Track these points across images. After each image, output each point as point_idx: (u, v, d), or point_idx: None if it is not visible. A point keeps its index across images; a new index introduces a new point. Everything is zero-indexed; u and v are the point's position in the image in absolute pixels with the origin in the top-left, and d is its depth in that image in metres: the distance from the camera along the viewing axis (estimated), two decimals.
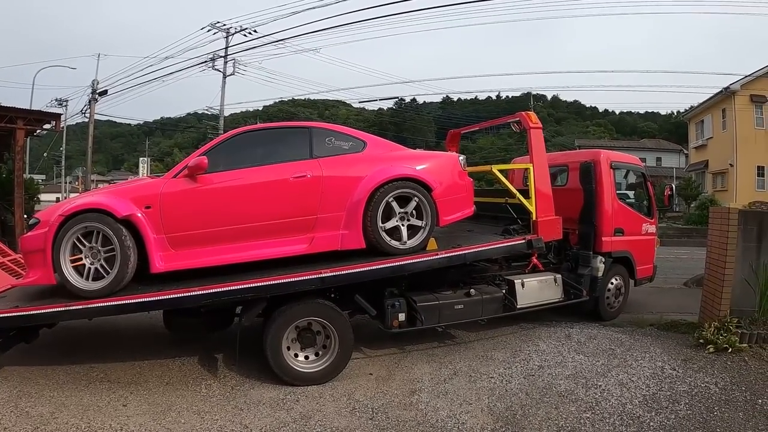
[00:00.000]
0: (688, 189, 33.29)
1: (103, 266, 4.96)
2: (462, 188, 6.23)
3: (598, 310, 7.85)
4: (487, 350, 6.38)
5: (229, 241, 5.31)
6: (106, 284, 4.93)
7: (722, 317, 6.47)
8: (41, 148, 49.65)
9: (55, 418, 4.42)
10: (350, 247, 5.52)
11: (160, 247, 5.12)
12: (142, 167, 33.16)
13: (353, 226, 5.50)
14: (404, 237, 5.69)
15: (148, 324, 7.31)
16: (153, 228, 5.08)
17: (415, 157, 6.11)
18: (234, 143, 5.64)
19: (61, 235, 4.88)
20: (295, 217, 5.45)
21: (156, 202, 5.12)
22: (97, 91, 31.16)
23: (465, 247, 6.10)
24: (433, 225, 5.79)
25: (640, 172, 8.88)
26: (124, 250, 4.92)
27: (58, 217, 4.89)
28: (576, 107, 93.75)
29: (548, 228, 6.80)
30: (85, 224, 4.91)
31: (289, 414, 4.66)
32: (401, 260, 5.61)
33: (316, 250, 5.50)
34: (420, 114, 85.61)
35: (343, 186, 5.57)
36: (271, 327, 5.27)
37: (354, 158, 5.81)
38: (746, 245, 6.79)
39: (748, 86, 31.48)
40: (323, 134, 5.85)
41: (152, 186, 5.30)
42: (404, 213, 5.69)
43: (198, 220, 5.24)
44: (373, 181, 5.54)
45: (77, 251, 4.95)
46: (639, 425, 4.48)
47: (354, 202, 5.51)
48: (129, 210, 4.99)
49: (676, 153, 53.95)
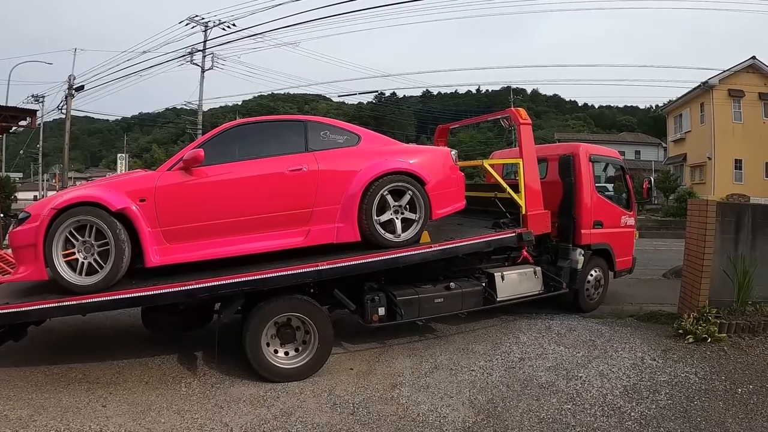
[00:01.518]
0: (666, 182, 33.68)
1: (96, 260, 4.87)
2: (454, 182, 6.31)
3: (578, 302, 7.91)
4: (467, 343, 6.38)
5: (225, 235, 5.29)
6: (100, 279, 4.84)
7: (701, 308, 6.54)
8: (18, 146, 48.98)
9: (34, 421, 4.33)
10: (345, 240, 5.54)
11: (156, 241, 5.05)
12: (120, 163, 32.84)
13: (348, 219, 5.53)
14: (398, 230, 5.74)
15: (127, 323, 7.21)
16: (148, 221, 5.01)
17: (409, 152, 6.17)
18: (229, 136, 5.62)
19: (53, 229, 4.77)
20: (291, 210, 5.45)
21: (151, 195, 5.05)
22: (73, 87, 30.69)
23: (458, 240, 6.18)
24: (426, 218, 5.84)
25: (619, 165, 8.95)
26: (118, 244, 4.84)
27: (50, 210, 4.78)
28: (556, 101, 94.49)
29: (537, 221, 6.94)
30: (78, 218, 4.82)
31: (269, 411, 4.62)
32: (396, 253, 5.66)
33: (312, 243, 5.51)
34: (400, 108, 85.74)
35: (338, 179, 5.59)
36: (250, 323, 5.21)
37: (349, 152, 5.83)
38: (724, 237, 6.87)
39: (726, 81, 32.00)
40: (318, 128, 5.87)
41: (147, 179, 5.24)
42: (398, 206, 5.74)
43: (194, 213, 5.19)
44: (369, 174, 5.57)
45: (70, 245, 4.84)
46: (620, 415, 4.51)
47: (349, 196, 5.53)
48: (123, 203, 4.91)
49: (655, 146, 54.57)
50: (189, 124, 40.13)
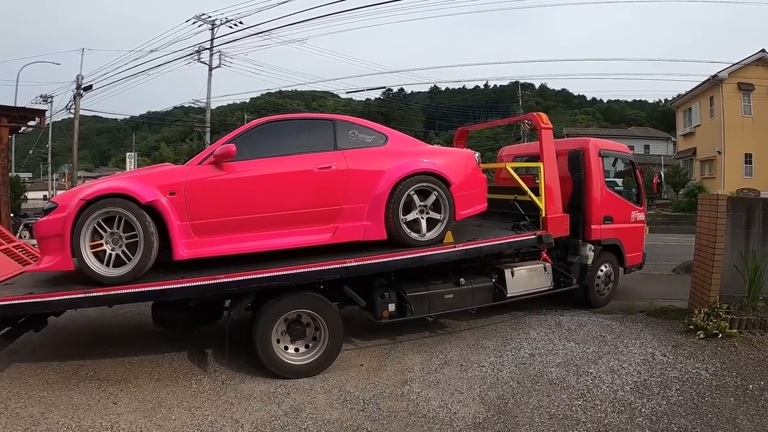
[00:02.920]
0: (676, 176, 33.53)
1: (124, 252, 4.90)
2: (477, 184, 6.40)
3: (588, 298, 7.88)
4: (477, 339, 6.37)
5: (254, 230, 5.33)
6: (128, 271, 4.87)
7: (712, 303, 6.49)
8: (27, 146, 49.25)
9: (46, 419, 4.36)
10: (372, 238, 5.62)
11: (184, 234, 5.08)
12: (129, 162, 32.86)
13: (376, 217, 5.61)
14: (423, 229, 5.82)
15: (137, 320, 7.26)
16: (177, 215, 5.04)
17: (435, 153, 6.30)
18: (259, 132, 5.67)
19: (82, 220, 4.78)
20: (319, 207, 5.52)
21: (181, 189, 5.08)
22: (82, 87, 30.81)
23: (481, 241, 6.26)
24: (451, 218, 5.92)
25: (629, 159, 8.88)
26: (147, 236, 4.86)
27: (79, 201, 4.79)
28: (564, 96, 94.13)
29: (557, 224, 6.99)
30: (107, 209, 4.83)
31: (280, 407, 4.63)
32: (423, 251, 5.72)
33: (340, 240, 5.58)
34: (408, 104, 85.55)
35: (366, 178, 5.66)
36: (260, 320, 5.22)
37: (377, 151, 5.91)
38: (735, 231, 6.82)
39: (735, 74, 31.78)
40: (346, 127, 5.95)
41: (177, 173, 5.27)
42: (424, 206, 5.83)
43: (223, 208, 5.23)
44: (396, 174, 5.66)
45: (97, 237, 4.86)
46: (631, 412, 4.49)
47: (377, 195, 5.61)
48: (153, 196, 4.94)
49: (664, 141, 54.27)
50: (197, 123, 40.17)
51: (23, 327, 5.39)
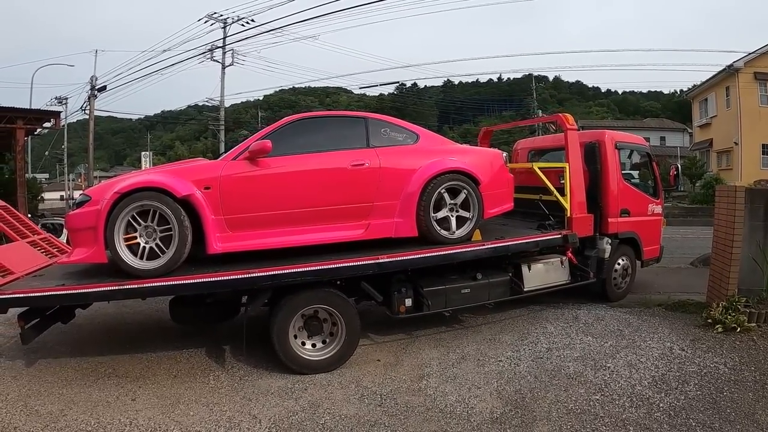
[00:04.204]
0: (692, 168, 33.19)
1: (158, 246, 4.94)
2: (504, 183, 6.54)
3: (605, 292, 7.83)
4: (494, 334, 6.37)
5: (287, 225, 5.40)
6: (162, 264, 4.92)
7: (730, 296, 6.42)
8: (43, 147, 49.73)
9: (65, 416, 4.40)
10: (403, 234, 5.74)
11: (218, 228, 5.13)
12: (144, 161, 33.02)
13: (407, 214, 5.72)
14: (453, 227, 5.93)
15: (155, 317, 7.33)
16: (212, 209, 5.09)
17: (465, 152, 6.40)
18: (292, 129, 5.73)
19: (116, 213, 4.81)
20: (352, 203, 5.60)
21: (216, 184, 5.14)
22: (96, 88, 31.04)
23: (509, 239, 6.39)
24: (479, 217, 6.05)
25: (645, 152, 8.80)
26: (182, 230, 4.91)
27: (113, 194, 4.81)
28: (578, 88, 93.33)
29: (582, 224, 7.18)
30: (142, 203, 4.87)
31: (297, 403, 4.65)
32: (453, 249, 5.82)
33: (372, 237, 5.68)
34: (421, 98, 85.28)
35: (398, 176, 5.76)
36: (278, 316, 5.24)
37: (408, 150, 6.02)
38: (753, 224, 6.74)
39: (751, 63, 31.23)
40: (378, 125, 6.04)
41: (212, 167, 5.32)
42: (453, 204, 5.94)
43: (258, 203, 5.28)
44: (428, 172, 5.76)
45: (131, 230, 4.90)
46: (649, 406, 4.46)
47: (409, 192, 5.71)
48: (188, 190, 4.98)
49: (680, 132, 53.65)
50: (211, 121, 40.39)
51: (51, 319, 5.45)
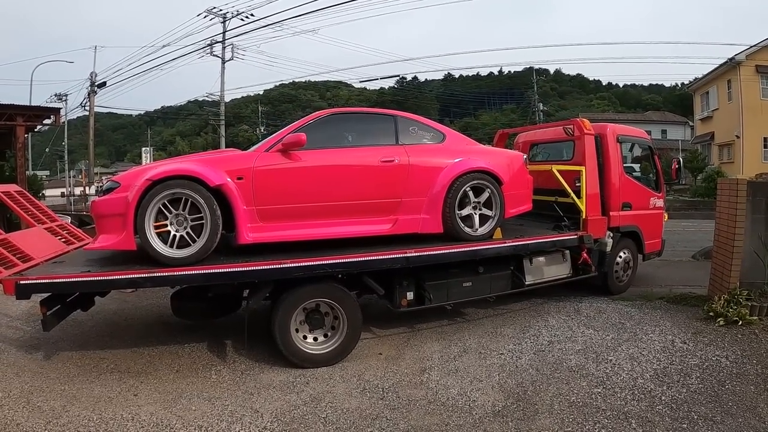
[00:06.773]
0: (694, 161, 33.14)
1: (189, 234, 4.94)
2: (525, 184, 6.75)
3: (607, 285, 7.84)
4: (496, 327, 6.38)
5: (318, 218, 5.47)
6: (193, 252, 4.92)
7: (732, 290, 6.43)
8: (43, 144, 49.75)
9: (67, 411, 4.38)
10: (429, 231, 5.89)
11: (250, 219, 5.16)
12: (145, 157, 33.04)
13: (433, 211, 5.88)
14: (476, 224, 6.14)
15: (156, 312, 7.33)
16: (244, 199, 5.11)
17: (489, 152, 6.62)
18: (323, 123, 5.80)
19: (147, 200, 4.79)
20: (381, 198, 5.72)
21: (248, 174, 5.16)
22: (95, 84, 31.06)
23: (528, 238, 6.60)
24: (501, 216, 6.26)
25: (647, 145, 8.78)
26: (214, 219, 4.92)
27: (144, 181, 4.78)
28: (579, 81, 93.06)
29: (596, 226, 7.35)
30: (174, 190, 4.85)
31: (299, 396, 4.65)
32: (476, 245, 6.02)
33: (399, 232, 5.81)
34: (422, 92, 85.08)
35: (426, 173, 5.90)
36: (279, 309, 5.23)
37: (436, 148, 6.20)
38: (755, 217, 6.71)
39: (753, 57, 31.19)
40: (407, 123, 6.21)
41: (245, 158, 5.34)
42: (477, 202, 6.15)
43: (289, 195, 5.33)
44: (455, 170, 5.93)
45: (162, 217, 4.88)
46: (651, 399, 4.45)
47: (435, 189, 5.88)
48: (221, 179, 4.99)
49: (682, 125, 53.59)
50: (211, 116, 40.40)
51: (72, 306, 5.43)
